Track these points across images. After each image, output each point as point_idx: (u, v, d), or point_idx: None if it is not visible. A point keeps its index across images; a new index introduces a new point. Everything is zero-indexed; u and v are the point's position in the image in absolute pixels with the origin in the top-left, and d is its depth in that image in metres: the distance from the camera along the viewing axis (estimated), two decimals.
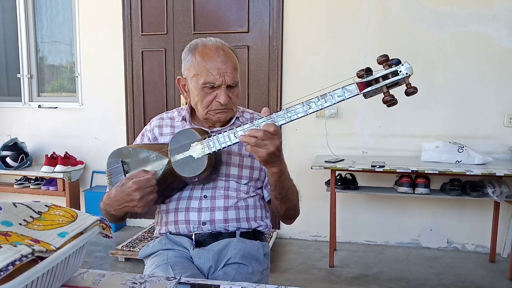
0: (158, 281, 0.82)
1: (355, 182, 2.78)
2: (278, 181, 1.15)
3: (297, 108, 1.04)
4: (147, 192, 1.08)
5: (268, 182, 1.29)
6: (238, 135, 1.07)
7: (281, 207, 1.24)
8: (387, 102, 1.01)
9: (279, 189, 1.18)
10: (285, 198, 1.22)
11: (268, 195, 1.32)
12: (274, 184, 1.17)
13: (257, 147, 1.02)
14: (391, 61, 1.00)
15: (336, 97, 1.02)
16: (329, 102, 1.02)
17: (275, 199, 1.23)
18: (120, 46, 3.40)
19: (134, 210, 1.11)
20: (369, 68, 1.00)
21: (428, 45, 2.89)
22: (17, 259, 0.59)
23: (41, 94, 3.80)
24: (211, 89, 1.21)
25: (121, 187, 1.10)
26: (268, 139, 1.01)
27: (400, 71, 0.99)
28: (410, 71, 0.98)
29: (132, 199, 1.08)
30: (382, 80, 1.00)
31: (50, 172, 3.37)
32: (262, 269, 1.24)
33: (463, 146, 2.65)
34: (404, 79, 0.99)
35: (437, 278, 2.56)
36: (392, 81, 0.99)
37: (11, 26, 3.76)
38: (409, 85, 1.00)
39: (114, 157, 1.25)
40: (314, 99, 1.03)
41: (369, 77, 1.00)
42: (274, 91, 3.15)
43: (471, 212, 2.95)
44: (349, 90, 1.01)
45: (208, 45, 1.23)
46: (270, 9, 3.10)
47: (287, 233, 3.25)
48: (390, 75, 1.00)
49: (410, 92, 0.99)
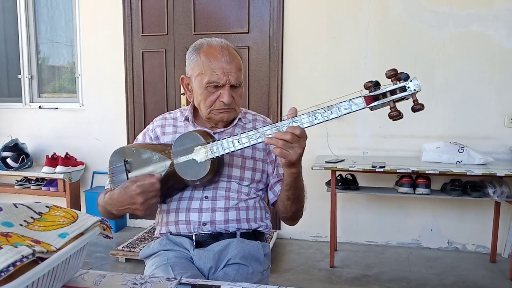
0: (159, 281, 0.82)
1: (356, 183, 2.78)
2: (295, 181, 1.15)
3: (302, 118, 1.03)
4: (150, 196, 1.10)
5: (277, 184, 1.30)
6: (242, 142, 1.08)
7: (291, 207, 1.24)
8: (393, 117, 1.01)
9: (293, 190, 1.18)
10: (297, 198, 1.22)
11: (273, 197, 1.31)
12: (289, 185, 1.16)
13: (286, 150, 1.02)
14: (399, 75, 0.98)
15: (342, 109, 1.01)
16: (335, 114, 1.02)
17: (287, 200, 1.22)
18: (120, 47, 3.40)
19: (135, 213, 1.13)
20: (377, 82, 0.99)
21: (428, 46, 2.89)
22: (17, 260, 0.60)
23: (42, 95, 3.80)
24: (215, 89, 1.21)
25: (124, 190, 1.11)
26: (296, 141, 1.01)
27: (409, 87, 0.98)
28: (419, 88, 0.97)
29: (135, 202, 1.09)
30: (390, 95, 0.99)
31: (50, 172, 3.37)
32: (263, 269, 1.24)
33: (464, 146, 2.65)
34: (411, 95, 0.99)
35: (438, 279, 2.56)
36: (399, 97, 0.99)
37: (11, 27, 3.77)
38: (416, 101, 0.99)
39: (117, 155, 1.25)
40: (320, 110, 1.03)
41: (376, 91, 0.99)
42: (274, 91, 3.15)
43: (471, 212, 2.95)
44: (356, 103, 1.01)
45: (213, 45, 1.24)
46: (270, 9, 3.10)
47: (287, 234, 3.25)
48: (398, 91, 0.99)
49: (417, 109, 0.99)
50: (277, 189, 1.30)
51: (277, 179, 1.31)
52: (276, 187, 1.31)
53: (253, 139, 1.07)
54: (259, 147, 1.31)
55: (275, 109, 3.15)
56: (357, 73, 2.96)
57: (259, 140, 1.07)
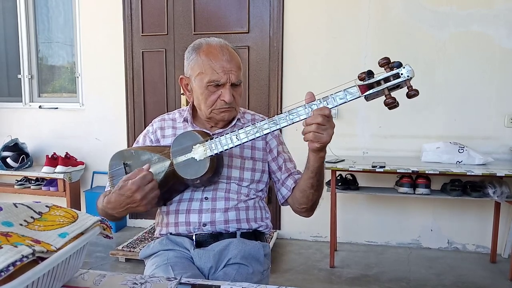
0: (159, 281, 0.82)
1: (356, 183, 2.78)
2: (321, 166, 1.13)
3: (299, 110, 1.03)
4: (147, 190, 1.07)
5: (288, 178, 1.28)
6: (240, 137, 1.08)
7: (313, 196, 1.20)
8: (388, 105, 1.01)
9: (318, 176, 1.16)
10: (320, 185, 1.19)
11: (287, 192, 1.29)
12: (315, 171, 1.13)
13: (319, 133, 1.00)
14: (392, 64, 1.00)
15: (338, 99, 1.02)
16: (331, 105, 1.02)
17: (311, 188, 1.18)
18: (120, 47, 3.40)
19: (138, 210, 1.10)
20: (370, 70, 1.00)
21: (428, 46, 2.89)
22: (17, 260, 0.60)
23: (42, 94, 3.80)
24: (216, 88, 1.21)
25: (119, 190, 1.09)
26: (326, 122, 1.00)
27: (402, 73, 0.99)
28: (412, 74, 0.98)
29: (134, 200, 1.08)
30: (384, 82, 1.00)
31: (50, 172, 3.37)
32: (263, 269, 1.24)
33: (464, 147, 2.65)
34: (405, 82, 0.99)
35: (438, 279, 2.56)
36: (393, 84, 1.00)
37: (11, 27, 3.77)
38: (411, 87, 1.00)
39: (116, 159, 1.25)
40: (316, 101, 1.03)
41: (370, 79, 1.00)
42: (274, 91, 3.15)
43: (471, 212, 2.95)
44: (351, 93, 1.01)
45: (212, 44, 1.24)
46: (270, 9, 3.10)
47: (287, 234, 3.25)
48: (392, 78, 1.00)
49: (412, 94, 0.99)
50: (289, 184, 1.28)
51: (288, 174, 1.30)
52: (288, 182, 1.29)
53: (251, 134, 1.07)
54: (258, 146, 1.31)
55: (275, 109, 3.15)
56: (357, 73, 2.95)
57: (257, 135, 1.07)
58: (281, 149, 1.34)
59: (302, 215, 1.30)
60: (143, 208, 1.09)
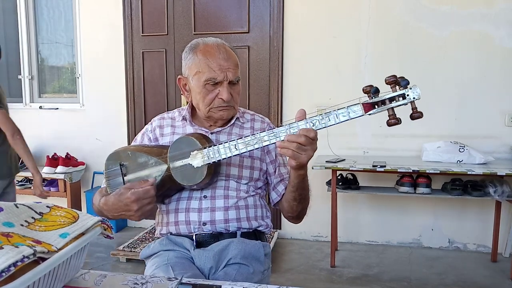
0: (160, 281, 0.82)
1: (356, 182, 2.78)
2: (302, 182, 1.16)
3: (300, 125, 1.03)
4: (145, 203, 1.10)
5: (279, 183, 1.30)
6: (239, 148, 1.08)
7: (297, 207, 1.24)
8: (391, 125, 1.00)
9: (300, 190, 1.18)
10: (304, 199, 1.22)
11: (276, 196, 1.31)
12: (296, 186, 1.16)
13: (298, 153, 1.01)
14: (399, 82, 0.97)
15: (341, 117, 1.01)
16: (332, 121, 1.02)
17: (293, 200, 1.22)
18: (120, 47, 3.40)
19: (130, 219, 1.13)
20: (377, 88, 0.98)
21: (428, 45, 2.89)
22: (18, 260, 0.60)
23: (42, 95, 3.80)
24: (213, 86, 1.21)
25: (119, 196, 1.10)
26: (309, 144, 1.01)
27: (408, 95, 0.97)
28: (418, 96, 0.96)
29: (130, 209, 1.09)
30: (389, 102, 0.99)
31: (51, 173, 3.37)
32: (263, 269, 1.24)
33: (464, 146, 2.65)
34: (410, 103, 0.98)
35: (439, 278, 2.56)
36: (398, 105, 0.98)
37: (12, 28, 3.77)
38: (415, 109, 0.98)
39: (112, 159, 1.25)
40: (318, 117, 1.02)
41: (375, 98, 0.99)
42: (274, 91, 3.14)
43: (472, 211, 2.95)
44: (354, 111, 1.01)
45: (209, 43, 1.24)
46: (270, 9, 3.10)
47: (288, 233, 3.25)
48: (397, 98, 0.98)
49: (416, 117, 0.98)
50: (280, 189, 1.30)
51: (280, 179, 1.31)
52: (279, 187, 1.30)
53: (250, 145, 1.07)
54: None
55: (275, 109, 3.15)
56: (357, 73, 2.96)
57: (256, 146, 1.07)
58: (278, 152, 1.34)
59: (290, 221, 1.34)
60: (136, 219, 1.12)
